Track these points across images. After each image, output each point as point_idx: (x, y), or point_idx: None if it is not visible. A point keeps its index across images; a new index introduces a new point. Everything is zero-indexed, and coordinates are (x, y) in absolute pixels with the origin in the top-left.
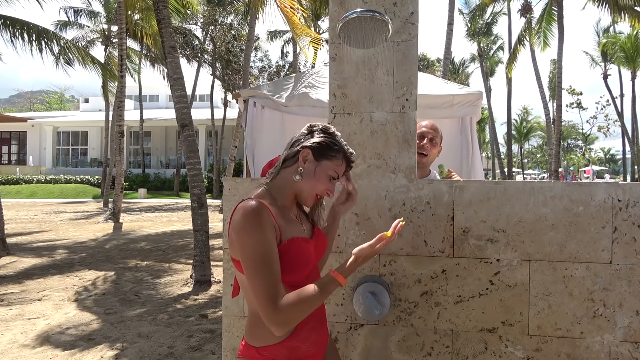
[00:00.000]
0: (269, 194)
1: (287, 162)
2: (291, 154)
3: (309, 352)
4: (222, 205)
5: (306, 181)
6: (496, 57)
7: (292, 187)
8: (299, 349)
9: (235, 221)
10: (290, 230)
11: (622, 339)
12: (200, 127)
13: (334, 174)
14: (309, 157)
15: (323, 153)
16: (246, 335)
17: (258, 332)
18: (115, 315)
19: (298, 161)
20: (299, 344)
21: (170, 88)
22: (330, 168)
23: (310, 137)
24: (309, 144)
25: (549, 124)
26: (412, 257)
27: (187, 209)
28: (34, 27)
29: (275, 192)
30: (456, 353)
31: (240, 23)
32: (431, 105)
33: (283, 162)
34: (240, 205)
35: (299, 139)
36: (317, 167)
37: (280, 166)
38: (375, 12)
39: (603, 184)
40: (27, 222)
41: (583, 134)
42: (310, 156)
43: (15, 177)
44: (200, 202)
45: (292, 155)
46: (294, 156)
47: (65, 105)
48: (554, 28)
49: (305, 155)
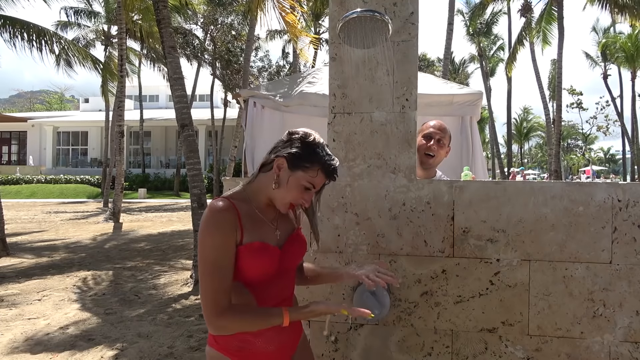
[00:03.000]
0: (243, 195)
1: (264, 168)
2: (268, 161)
3: (265, 349)
4: None
5: (279, 190)
6: (496, 57)
7: (267, 192)
8: (253, 344)
9: (201, 220)
10: (256, 234)
11: (622, 339)
12: (200, 127)
13: (308, 185)
14: (283, 166)
15: (297, 164)
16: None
17: None
18: (115, 315)
19: (273, 169)
20: (252, 339)
21: (170, 88)
22: (304, 179)
23: (289, 145)
24: (284, 154)
25: (549, 124)
26: (412, 257)
27: (187, 209)
28: (34, 27)
29: (251, 194)
30: (456, 353)
31: (240, 23)
32: (431, 104)
33: (261, 167)
34: (209, 204)
35: (277, 146)
36: (291, 176)
37: (257, 172)
38: (375, 12)
39: (603, 184)
40: (27, 222)
41: (583, 134)
42: (285, 165)
43: (15, 177)
44: (200, 202)
45: (268, 162)
46: (270, 163)
47: (65, 105)
48: (553, 28)
49: (280, 164)
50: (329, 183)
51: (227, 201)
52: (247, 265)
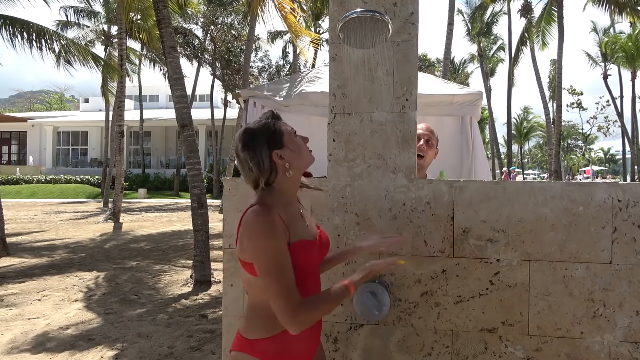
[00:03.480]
0: (269, 199)
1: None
2: (267, 170)
3: (300, 351)
4: (222, 205)
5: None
6: (496, 57)
7: (287, 187)
8: (290, 346)
9: (248, 227)
10: (299, 232)
11: (622, 339)
12: (200, 127)
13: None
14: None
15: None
16: (241, 328)
17: (253, 325)
18: (115, 315)
19: (277, 166)
20: (290, 341)
21: (171, 88)
22: (292, 135)
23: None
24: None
25: (549, 124)
26: (412, 257)
27: (187, 209)
28: (34, 26)
29: (275, 198)
30: (456, 353)
31: (240, 23)
32: (431, 104)
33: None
34: (250, 211)
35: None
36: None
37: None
38: (375, 12)
39: (603, 184)
40: (27, 222)
41: (583, 134)
42: (279, 153)
43: (15, 177)
44: (200, 202)
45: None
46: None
47: (65, 105)
48: (553, 28)
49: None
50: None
51: (267, 206)
52: (298, 262)
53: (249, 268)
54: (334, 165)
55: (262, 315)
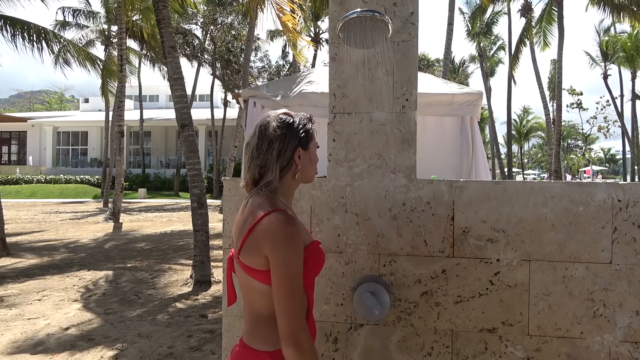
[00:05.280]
0: (279, 202)
1: (283, 171)
2: (284, 161)
3: None
4: (222, 205)
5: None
6: (496, 57)
7: (291, 190)
8: None
9: (271, 237)
10: (307, 235)
11: (622, 339)
12: (200, 127)
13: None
14: (299, 152)
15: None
16: (255, 340)
17: (261, 335)
18: (115, 315)
19: (294, 163)
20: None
21: (170, 88)
22: (314, 147)
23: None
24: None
25: (549, 124)
26: (412, 257)
27: (187, 209)
28: (34, 26)
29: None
30: (456, 353)
31: (240, 23)
32: (431, 104)
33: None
34: (273, 219)
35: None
36: (306, 154)
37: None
38: (375, 12)
39: (603, 184)
40: (27, 222)
41: (583, 134)
42: (300, 151)
43: (15, 177)
44: (200, 202)
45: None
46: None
47: (65, 105)
48: (554, 28)
49: (299, 154)
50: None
51: (287, 212)
52: (311, 266)
53: (260, 276)
54: (334, 165)
55: (272, 326)
